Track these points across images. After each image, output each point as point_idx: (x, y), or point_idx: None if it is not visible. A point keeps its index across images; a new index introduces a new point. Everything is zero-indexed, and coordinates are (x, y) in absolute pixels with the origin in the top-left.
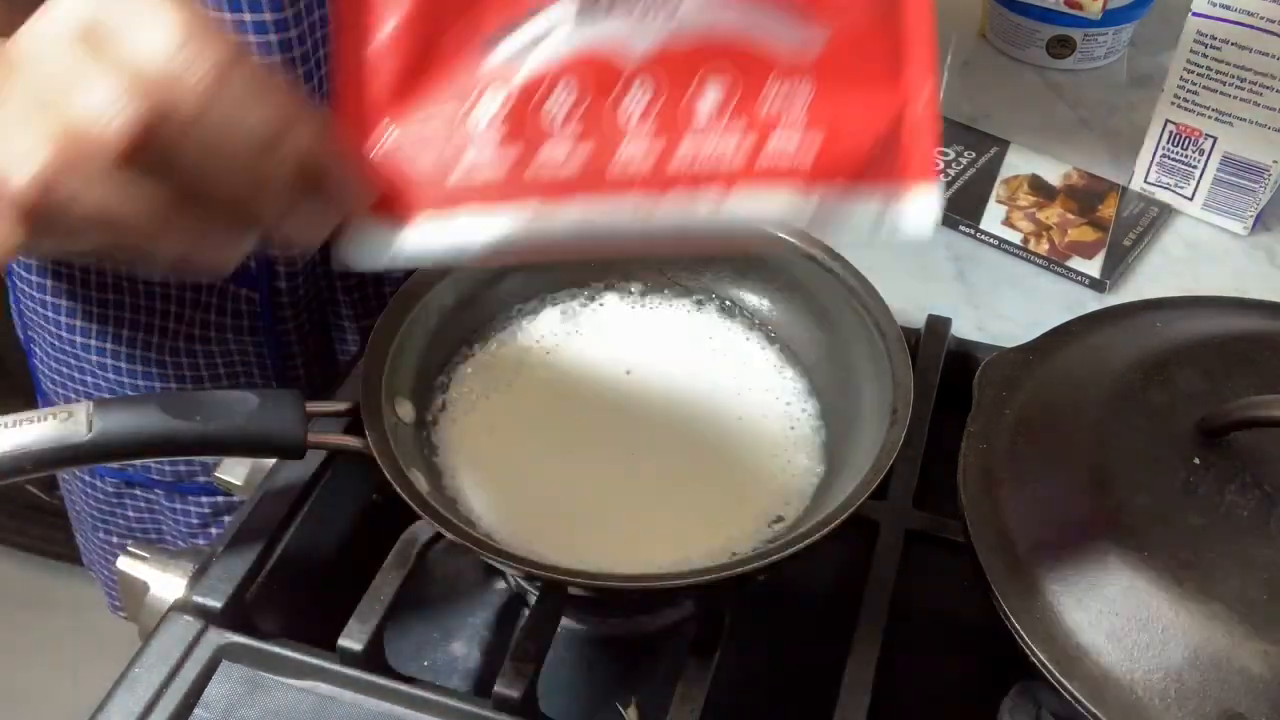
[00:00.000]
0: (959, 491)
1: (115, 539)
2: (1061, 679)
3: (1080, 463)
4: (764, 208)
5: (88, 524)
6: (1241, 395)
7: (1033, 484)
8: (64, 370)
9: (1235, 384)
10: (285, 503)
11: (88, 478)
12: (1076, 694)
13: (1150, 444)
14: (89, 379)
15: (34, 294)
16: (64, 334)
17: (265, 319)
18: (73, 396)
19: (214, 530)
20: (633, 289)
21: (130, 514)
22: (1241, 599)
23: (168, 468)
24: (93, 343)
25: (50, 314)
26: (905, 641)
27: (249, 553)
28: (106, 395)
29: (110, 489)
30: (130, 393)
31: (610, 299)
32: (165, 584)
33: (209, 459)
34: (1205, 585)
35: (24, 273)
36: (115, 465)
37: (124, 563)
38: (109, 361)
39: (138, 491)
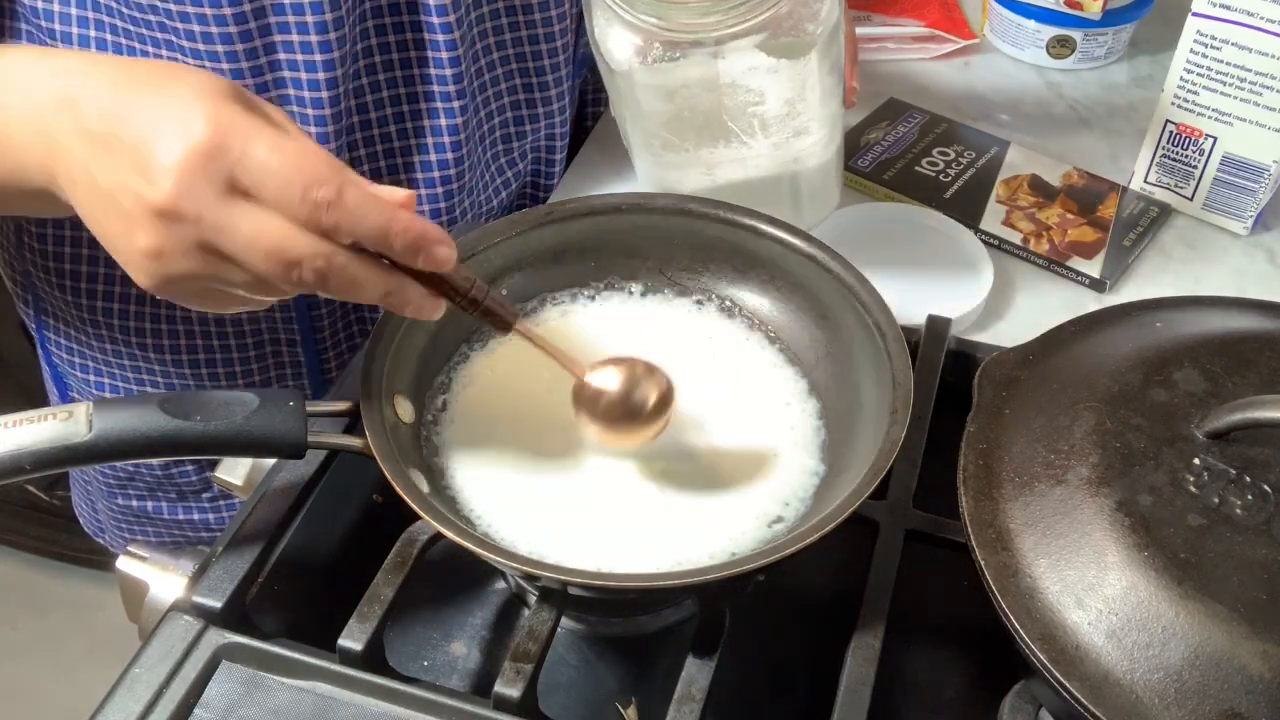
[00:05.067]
0: (959, 491)
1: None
2: (1061, 679)
3: (1080, 463)
4: None
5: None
6: (1241, 395)
7: (1033, 484)
8: (84, 353)
9: (1235, 384)
10: (285, 503)
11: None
12: (1076, 694)
13: (1150, 444)
14: (110, 359)
15: (52, 273)
16: (84, 314)
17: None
18: (89, 384)
19: None
20: (633, 289)
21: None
22: (1241, 599)
23: None
24: (116, 320)
25: (69, 296)
26: (905, 642)
27: (249, 553)
28: (130, 375)
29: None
30: (159, 371)
31: (610, 299)
32: (165, 584)
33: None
34: (1205, 585)
35: (37, 244)
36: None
37: (124, 563)
38: (133, 339)
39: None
